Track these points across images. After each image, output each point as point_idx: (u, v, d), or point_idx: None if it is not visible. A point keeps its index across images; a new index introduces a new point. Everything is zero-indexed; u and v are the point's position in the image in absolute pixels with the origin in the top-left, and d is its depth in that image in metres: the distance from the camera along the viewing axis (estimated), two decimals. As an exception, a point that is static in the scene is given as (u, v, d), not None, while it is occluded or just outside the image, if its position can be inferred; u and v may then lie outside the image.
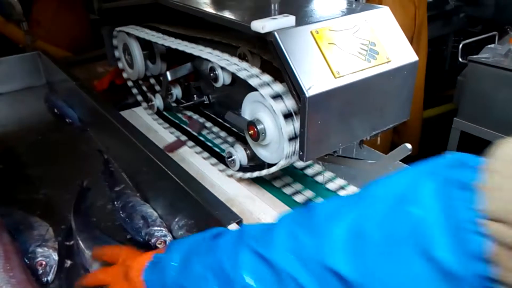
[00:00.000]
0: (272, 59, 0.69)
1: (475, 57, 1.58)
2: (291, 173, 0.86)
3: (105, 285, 0.55)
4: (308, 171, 0.86)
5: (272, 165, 0.72)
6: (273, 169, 0.72)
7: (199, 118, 1.01)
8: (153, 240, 0.68)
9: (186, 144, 0.98)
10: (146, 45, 1.04)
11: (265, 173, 0.74)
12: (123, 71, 1.15)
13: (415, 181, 0.33)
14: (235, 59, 0.75)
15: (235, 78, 0.78)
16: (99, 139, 1.02)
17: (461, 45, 1.74)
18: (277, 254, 0.38)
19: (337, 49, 0.63)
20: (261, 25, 0.59)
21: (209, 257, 0.44)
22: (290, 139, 0.64)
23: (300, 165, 0.88)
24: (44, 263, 0.65)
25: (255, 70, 0.70)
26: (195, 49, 0.83)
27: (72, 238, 0.71)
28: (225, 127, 0.97)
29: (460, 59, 1.71)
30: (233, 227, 0.55)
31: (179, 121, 1.06)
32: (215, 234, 0.47)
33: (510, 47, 1.58)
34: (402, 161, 0.74)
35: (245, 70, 0.71)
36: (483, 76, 1.55)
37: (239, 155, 0.80)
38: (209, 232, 0.48)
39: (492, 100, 1.52)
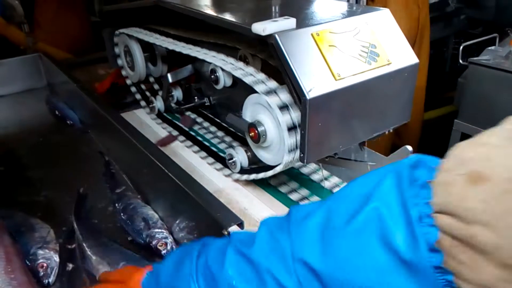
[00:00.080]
0: (273, 61, 0.69)
1: (476, 59, 1.58)
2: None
3: None
4: (303, 170, 0.87)
5: (273, 167, 0.72)
6: (274, 171, 0.72)
7: (191, 114, 1.03)
8: (154, 242, 0.68)
9: (177, 139, 1.01)
10: (147, 47, 1.04)
11: (266, 175, 0.75)
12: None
13: (380, 179, 0.36)
14: (239, 63, 0.75)
15: (236, 80, 0.78)
16: (100, 141, 1.02)
17: (461, 47, 1.74)
18: (257, 253, 0.42)
19: (337, 51, 0.63)
20: (262, 28, 0.60)
21: (199, 259, 0.47)
22: (290, 139, 0.64)
23: (298, 164, 0.88)
24: (45, 265, 0.65)
25: (256, 72, 0.70)
26: (195, 51, 0.83)
27: (73, 241, 0.71)
28: (225, 128, 0.97)
29: (460, 61, 1.71)
30: (234, 229, 0.55)
31: (180, 123, 1.06)
32: (207, 241, 0.50)
33: (510, 49, 1.58)
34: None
35: (245, 71, 0.71)
36: (483, 78, 1.55)
37: (240, 157, 0.80)
38: (202, 239, 0.51)
39: (492, 102, 1.52)
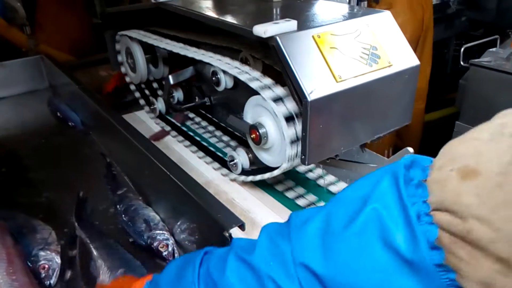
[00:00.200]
0: (274, 63, 0.69)
1: (477, 60, 1.58)
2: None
3: None
4: (299, 168, 0.87)
5: (274, 168, 0.72)
6: (275, 173, 0.72)
7: (189, 113, 1.06)
8: (155, 243, 0.68)
9: (169, 133, 1.05)
10: (148, 49, 1.04)
11: (267, 176, 0.75)
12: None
13: (377, 181, 0.36)
14: (237, 63, 0.75)
15: (237, 82, 0.79)
16: (101, 142, 1.02)
17: (462, 49, 1.74)
18: (257, 259, 0.42)
19: (338, 53, 0.63)
20: (263, 30, 0.60)
21: (201, 267, 0.47)
22: (292, 143, 0.64)
23: (303, 169, 0.88)
24: (46, 266, 0.65)
25: (257, 73, 0.70)
26: (197, 53, 0.83)
27: (74, 246, 0.70)
28: (224, 128, 0.98)
29: (461, 63, 1.71)
30: (235, 231, 0.55)
31: (186, 128, 1.07)
32: (209, 249, 0.50)
33: (511, 50, 1.58)
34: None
35: (246, 73, 0.71)
36: (484, 79, 1.54)
37: (241, 158, 0.80)
38: (204, 248, 0.51)
39: (493, 103, 1.52)
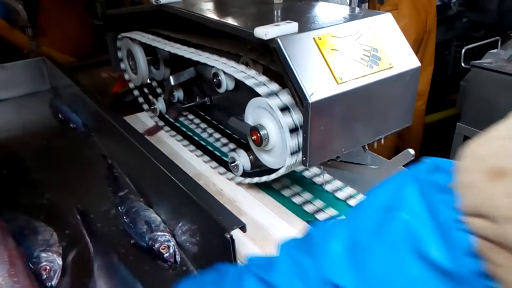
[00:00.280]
0: (275, 66, 0.70)
1: (478, 62, 1.58)
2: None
3: None
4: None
5: (275, 170, 0.72)
6: (276, 175, 0.72)
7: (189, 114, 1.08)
8: (156, 245, 0.68)
9: (163, 128, 1.08)
10: (149, 50, 1.04)
11: (269, 178, 0.75)
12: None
13: (399, 188, 0.34)
14: (240, 66, 0.75)
15: (238, 83, 0.79)
16: (103, 144, 1.03)
17: (463, 50, 1.74)
18: (279, 277, 0.39)
19: (339, 55, 0.63)
20: (264, 32, 0.60)
21: (215, 286, 0.45)
22: (292, 145, 0.64)
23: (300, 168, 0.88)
24: (48, 268, 0.65)
25: (258, 75, 0.70)
26: (198, 55, 0.83)
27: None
28: (224, 132, 0.98)
29: (463, 64, 1.71)
30: (236, 233, 0.55)
31: (181, 125, 1.07)
32: (221, 268, 0.48)
33: (512, 52, 1.58)
34: (405, 166, 0.74)
35: (247, 74, 0.71)
36: (486, 81, 1.54)
37: (242, 160, 0.80)
38: (215, 266, 0.49)
39: (495, 105, 1.52)
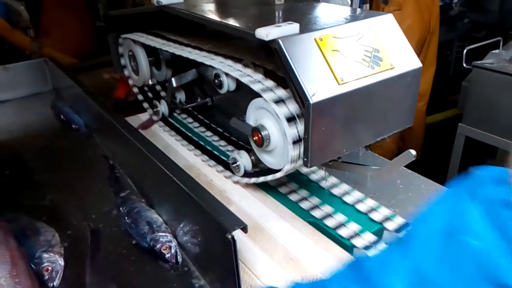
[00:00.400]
0: (276, 68, 0.70)
1: (480, 62, 1.58)
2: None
3: None
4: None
5: (276, 170, 0.72)
6: (278, 175, 0.72)
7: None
8: (158, 245, 0.68)
9: (156, 122, 1.11)
10: (151, 51, 1.05)
11: (270, 178, 0.75)
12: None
13: (459, 209, 0.31)
14: (240, 66, 0.75)
15: (239, 84, 0.79)
16: (104, 145, 1.03)
17: (465, 51, 1.74)
18: None
19: (341, 56, 0.63)
20: (265, 33, 0.60)
21: None
22: (294, 144, 0.64)
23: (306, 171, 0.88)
24: (50, 268, 0.65)
25: (259, 76, 0.71)
26: (200, 56, 0.83)
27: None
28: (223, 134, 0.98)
29: (464, 65, 1.71)
30: (237, 233, 0.55)
31: (182, 127, 1.07)
32: None
33: (514, 52, 1.57)
34: (406, 166, 0.74)
35: (248, 76, 0.71)
36: (487, 81, 1.54)
37: (244, 160, 0.81)
38: None
39: (496, 105, 1.52)
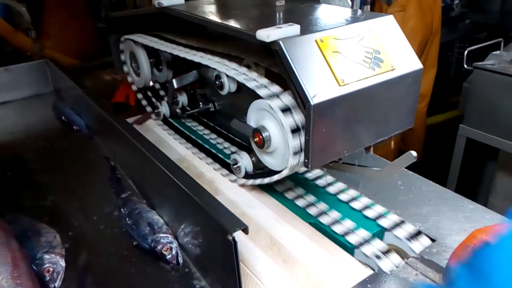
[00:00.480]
0: (277, 68, 0.70)
1: (481, 63, 1.57)
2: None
3: None
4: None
5: (277, 172, 0.72)
6: (279, 176, 0.72)
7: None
8: (159, 247, 0.68)
9: (151, 117, 1.14)
10: (152, 53, 1.05)
11: (271, 180, 0.75)
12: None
13: None
14: (242, 68, 0.75)
15: (240, 86, 0.79)
16: (106, 146, 1.03)
17: (466, 52, 1.74)
18: None
19: (341, 57, 0.63)
20: (266, 34, 0.60)
21: None
22: (295, 146, 0.64)
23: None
24: (51, 269, 0.65)
25: (260, 78, 0.71)
26: (201, 58, 0.84)
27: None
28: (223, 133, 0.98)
29: (465, 66, 1.70)
30: (238, 235, 0.55)
31: (184, 128, 1.07)
32: None
33: (515, 53, 1.57)
34: (407, 168, 0.74)
35: (249, 77, 0.71)
36: (488, 82, 1.54)
37: (245, 162, 0.81)
38: None
39: (497, 106, 1.51)
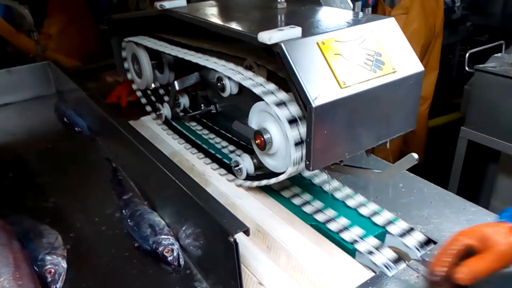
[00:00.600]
0: (278, 70, 0.70)
1: (482, 66, 1.57)
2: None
3: None
4: None
5: (278, 174, 0.72)
6: (280, 178, 0.72)
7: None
8: (160, 248, 0.68)
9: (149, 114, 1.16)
10: (154, 55, 1.05)
11: (272, 182, 0.75)
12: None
13: None
14: (242, 69, 0.76)
15: (242, 88, 0.79)
16: (107, 147, 1.03)
17: (467, 54, 1.74)
18: None
19: (343, 59, 0.63)
20: (267, 36, 0.60)
21: None
22: (296, 147, 0.64)
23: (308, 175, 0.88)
24: (53, 271, 0.65)
25: (261, 79, 0.71)
26: (203, 60, 0.84)
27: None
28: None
29: (467, 68, 1.70)
30: (239, 236, 0.55)
31: (186, 130, 1.07)
32: None
33: (517, 56, 1.57)
34: (408, 170, 0.73)
35: (250, 79, 0.71)
36: (490, 85, 1.54)
37: (246, 164, 0.81)
38: None
39: (499, 109, 1.51)
